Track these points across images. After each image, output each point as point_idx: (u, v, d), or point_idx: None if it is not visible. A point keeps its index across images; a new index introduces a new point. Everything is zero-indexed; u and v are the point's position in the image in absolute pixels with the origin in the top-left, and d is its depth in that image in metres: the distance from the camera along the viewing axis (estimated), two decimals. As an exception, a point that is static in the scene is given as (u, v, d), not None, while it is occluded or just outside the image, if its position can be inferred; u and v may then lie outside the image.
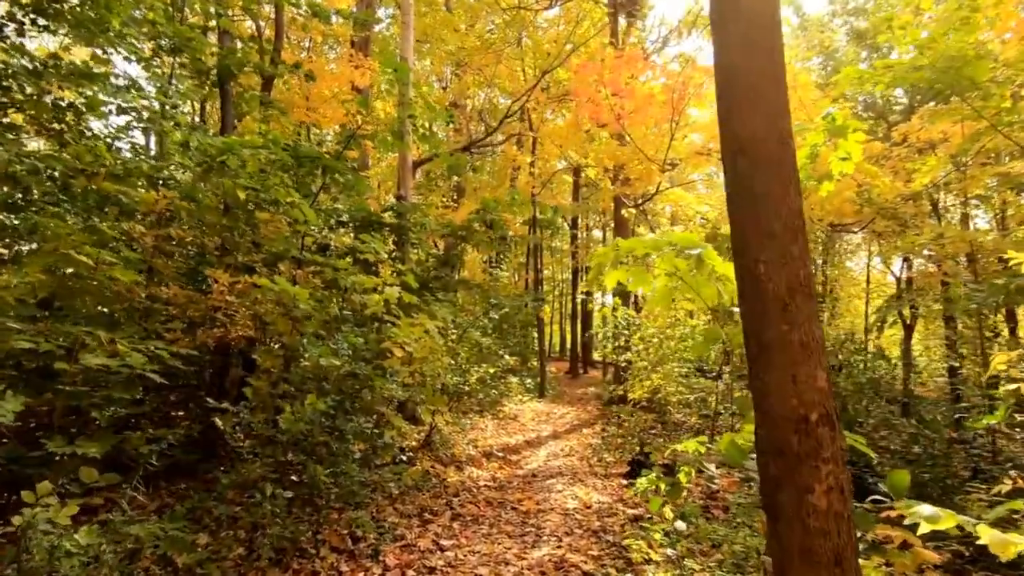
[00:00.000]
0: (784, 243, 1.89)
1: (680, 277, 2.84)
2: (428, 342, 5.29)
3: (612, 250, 2.69)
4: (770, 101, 1.99)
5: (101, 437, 3.88)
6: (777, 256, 1.89)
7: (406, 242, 7.51)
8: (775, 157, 1.95)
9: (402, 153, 9.52)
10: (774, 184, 1.93)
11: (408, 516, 4.51)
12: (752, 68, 2.01)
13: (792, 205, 1.92)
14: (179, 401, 6.35)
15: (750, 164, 1.97)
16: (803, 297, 1.89)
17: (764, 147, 1.96)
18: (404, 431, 5.18)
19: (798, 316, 1.87)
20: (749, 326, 1.98)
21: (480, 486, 5.70)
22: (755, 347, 1.95)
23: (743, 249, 1.97)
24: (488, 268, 14.84)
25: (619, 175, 11.91)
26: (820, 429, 1.83)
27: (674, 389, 9.99)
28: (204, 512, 4.06)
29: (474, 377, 8.80)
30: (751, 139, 1.99)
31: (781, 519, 1.88)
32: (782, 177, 1.92)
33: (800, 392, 1.85)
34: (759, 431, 1.96)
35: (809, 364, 1.86)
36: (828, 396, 1.87)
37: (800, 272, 1.89)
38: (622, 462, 6.78)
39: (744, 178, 1.99)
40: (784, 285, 1.88)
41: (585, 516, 4.80)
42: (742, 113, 2.03)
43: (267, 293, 4.47)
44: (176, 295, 4.66)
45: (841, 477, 1.84)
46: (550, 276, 28.83)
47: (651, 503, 2.99)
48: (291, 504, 3.95)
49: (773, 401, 1.89)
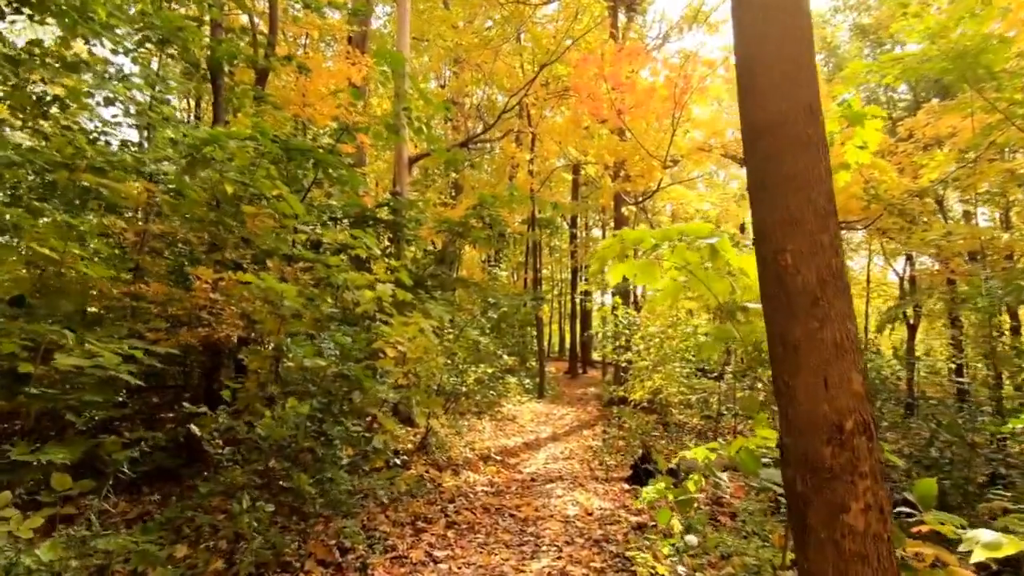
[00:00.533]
0: (814, 230, 1.68)
1: (691, 271, 2.63)
2: (423, 341, 5.07)
3: (617, 242, 2.47)
4: (796, 71, 1.78)
5: (73, 442, 3.67)
6: (806, 245, 1.68)
7: (401, 239, 7.30)
8: (803, 135, 1.74)
9: (398, 148, 9.31)
10: (802, 165, 1.72)
11: (401, 524, 4.29)
12: (776, 34, 1.80)
13: (822, 188, 1.71)
14: (166, 403, 6.14)
15: (774, 143, 1.76)
16: (835, 290, 1.68)
17: (790, 124, 1.75)
18: (398, 434, 4.97)
19: (830, 311, 1.66)
20: (773, 324, 1.77)
21: (477, 491, 5.48)
22: (780, 347, 1.74)
23: (767, 238, 1.76)
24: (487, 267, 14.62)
25: (620, 172, 11.71)
26: (856, 439, 1.62)
27: (676, 390, 9.78)
28: (185, 521, 3.85)
29: (472, 377, 8.59)
30: (775, 115, 1.78)
31: (811, 541, 1.66)
32: (811, 157, 1.71)
33: (833, 397, 1.64)
34: (785, 441, 1.75)
35: (842, 365, 1.65)
36: (864, 402, 1.66)
37: (832, 262, 1.68)
38: (624, 466, 6.57)
39: (768, 159, 1.78)
40: (814, 277, 1.67)
41: (586, 524, 4.59)
42: (765, 87, 1.82)
43: (253, 290, 4.26)
44: (156, 292, 4.44)
45: (880, 494, 1.63)
46: (549, 276, 28.64)
47: (659, 515, 2.79)
48: (276, 513, 3.74)
49: (802, 408, 1.68)
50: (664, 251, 2.59)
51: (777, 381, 1.76)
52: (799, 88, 1.77)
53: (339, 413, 3.64)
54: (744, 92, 1.89)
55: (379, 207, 7.02)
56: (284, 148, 5.48)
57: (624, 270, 2.70)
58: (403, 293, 4.75)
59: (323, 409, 3.59)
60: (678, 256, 2.61)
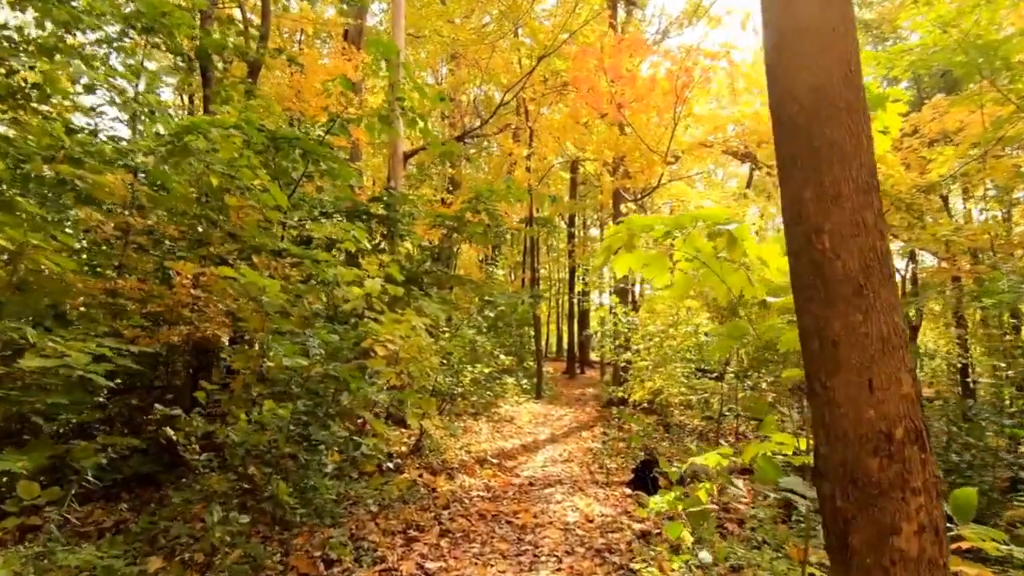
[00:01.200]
0: (855, 207, 1.46)
1: (703, 262, 2.40)
2: (416, 340, 4.85)
3: (625, 229, 2.25)
4: (831, 30, 1.56)
5: (38, 448, 3.43)
6: (847, 225, 1.45)
7: (395, 234, 7.06)
8: (841, 99, 1.51)
9: (392, 143, 9.08)
10: (841, 133, 1.49)
11: (392, 533, 4.06)
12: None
13: (864, 159, 1.49)
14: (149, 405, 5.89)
15: (808, 111, 1.54)
16: (880, 277, 1.46)
17: (826, 89, 1.53)
18: (390, 437, 4.75)
19: (875, 301, 1.44)
20: (807, 317, 1.55)
21: (472, 496, 5.25)
22: (816, 344, 1.51)
23: (800, 218, 1.54)
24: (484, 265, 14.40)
25: (619, 167, 11.50)
26: (908, 449, 1.40)
27: (676, 391, 9.57)
28: (161, 531, 3.61)
29: (468, 378, 8.36)
30: (808, 80, 1.55)
31: (854, 566, 1.44)
32: (852, 124, 1.49)
33: (879, 401, 1.42)
34: (821, 451, 1.53)
35: (890, 363, 1.43)
36: (916, 406, 1.44)
37: (876, 244, 1.46)
38: (625, 469, 6.35)
39: (800, 129, 1.55)
40: (856, 261, 1.45)
41: (587, 531, 4.36)
42: (796, 49, 1.59)
43: (235, 286, 4.02)
44: (132, 288, 4.19)
45: (935, 513, 1.41)
46: (547, 275, 28.46)
47: (670, 529, 2.57)
48: (257, 523, 3.51)
49: (842, 413, 1.46)
50: (676, 240, 2.36)
51: (812, 382, 1.54)
52: (835, 48, 1.55)
53: (325, 416, 3.40)
54: (773, 58, 1.66)
55: (372, 201, 6.78)
56: (271, 138, 5.25)
57: (631, 261, 2.47)
58: (395, 289, 4.52)
59: (308, 412, 3.35)
60: (690, 246, 2.39)
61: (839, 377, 1.46)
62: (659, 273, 2.49)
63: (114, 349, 3.62)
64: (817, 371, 1.52)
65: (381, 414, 5.61)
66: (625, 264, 2.46)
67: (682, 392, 9.71)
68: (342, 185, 6.90)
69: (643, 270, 2.48)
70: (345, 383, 3.59)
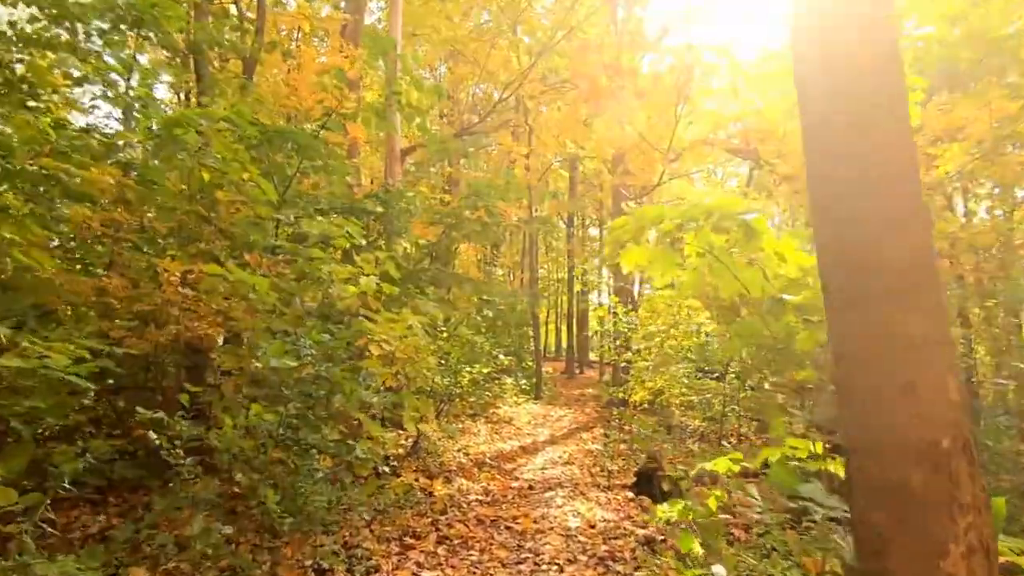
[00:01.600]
0: (900, 194, 1.32)
1: (716, 257, 2.26)
2: (412, 340, 4.70)
3: (633, 221, 2.11)
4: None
5: (18, 452, 3.28)
6: (889, 210, 1.31)
7: (392, 232, 6.92)
8: (876, 62, 1.37)
9: (389, 139, 8.93)
10: (881, 98, 1.35)
11: (387, 540, 3.91)
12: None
13: (903, 135, 1.35)
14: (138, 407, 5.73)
15: (840, 77, 1.39)
16: (925, 271, 1.32)
17: (858, 54, 1.38)
18: (386, 439, 4.59)
19: (919, 298, 1.30)
20: (839, 315, 1.41)
21: (471, 501, 5.11)
22: (851, 345, 1.37)
23: (832, 205, 1.40)
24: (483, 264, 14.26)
25: (619, 166, 11.36)
26: (955, 461, 1.26)
27: (678, 391, 9.43)
28: (146, 539, 3.46)
29: (466, 378, 8.22)
30: (838, 42, 1.41)
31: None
32: (890, 93, 1.35)
33: (923, 408, 1.28)
34: (854, 462, 1.39)
35: (935, 367, 1.29)
36: (962, 413, 1.30)
37: (921, 235, 1.32)
38: (627, 471, 6.21)
39: (832, 98, 1.41)
40: (901, 254, 1.31)
41: (589, 538, 4.22)
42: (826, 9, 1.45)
43: (223, 284, 3.88)
44: (117, 287, 4.04)
45: (986, 532, 1.27)
46: (546, 275, 28.32)
47: (682, 542, 2.44)
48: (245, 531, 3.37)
49: (880, 420, 1.32)
50: (687, 234, 2.22)
51: (845, 386, 1.40)
52: (870, 13, 1.41)
53: (317, 419, 3.25)
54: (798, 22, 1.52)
55: (368, 197, 6.63)
56: (263, 131, 5.10)
57: (638, 256, 2.33)
58: (390, 287, 4.38)
59: (299, 415, 3.20)
60: (702, 240, 2.25)
61: (878, 381, 1.32)
62: (668, 269, 2.35)
63: (95, 351, 3.47)
64: (852, 374, 1.38)
65: (379, 415, 5.46)
66: (632, 259, 2.32)
67: (683, 393, 9.58)
68: (338, 181, 6.76)
69: (651, 266, 2.34)
70: (338, 385, 3.45)
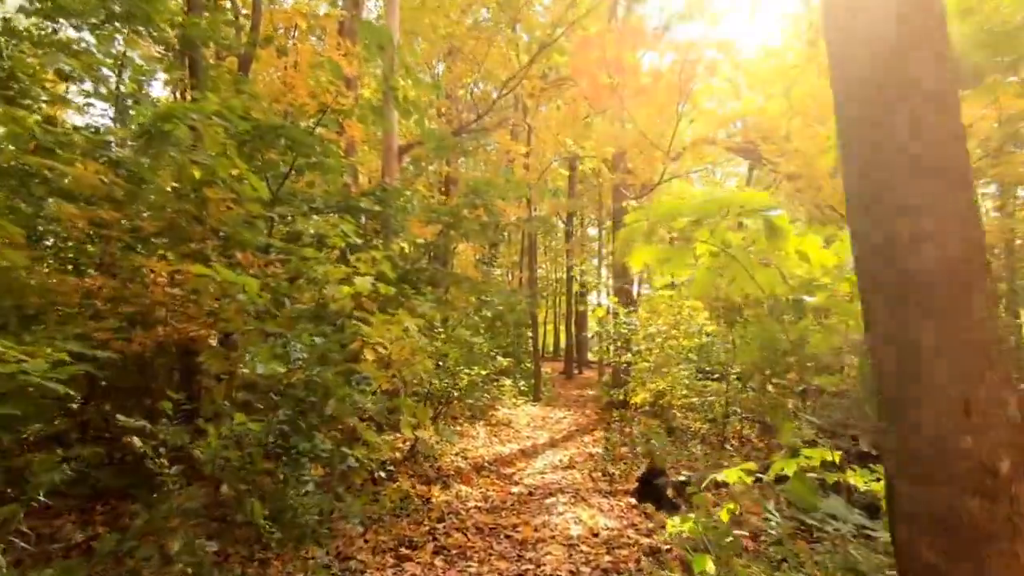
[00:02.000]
0: (951, 183, 1.18)
1: (733, 256, 2.12)
2: (409, 342, 4.56)
3: (644, 216, 1.96)
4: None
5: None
6: (939, 205, 1.17)
7: (389, 231, 6.76)
8: (927, 35, 1.23)
9: (386, 137, 8.77)
10: (929, 71, 1.21)
11: (382, 551, 3.76)
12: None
13: (953, 119, 1.21)
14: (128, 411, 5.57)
15: (879, 54, 1.25)
16: (978, 272, 1.18)
17: (904, 27, 1.24)
18: (382, 445, 4.45)
19: (971, 302, 1.16)
20: (881, 320, 1.27)
21: (469, 508, 4.96)
22: (894, 355, 1.23)
23: (874, 198, 1.26)
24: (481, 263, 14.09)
25: (619, 164, 11.23)
26: (1017, 487, 1.12)
27: (680, 393, 9.29)
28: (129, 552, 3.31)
29: (464, 380, 8.07)
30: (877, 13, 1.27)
31: (945, 632, 1.16)
32: (940, 69, 1.20)
33: (979, 428, 1.14)
34: (900, 489, 1.25)
35: (990, 381, 1.15)
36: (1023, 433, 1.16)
37: (973, 233, 1.18)
38: (629, 476, 6.07)
39: (874, 73, 1.27)
40: (955, 252, 1.17)
41: (592, 548, 4.08)
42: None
43: (212, 284, 3.73)
44: (101, 287, 3.89)
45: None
46: (544, 276, 28.18)
47: (697, 562, 2.30)
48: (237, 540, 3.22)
49: (931, 442, 1.18)
50: (701, 231, 2.07)
51: (888, 402, 1.25)
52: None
53: (308, 427, 3.10)
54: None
55: (365, 195, 6.48)
56: (256, 127, 4.95)
57: (649, 255, 2.18)
58: (386, 288, 4.23)
59: (290, 421, 3.05)
60: (717, 238, 2.10)
61: (926, 397, 1.18)
62: (682, 268, 2.21)
63: (78, 354, 3.32)
64: (896, 388, 1.23)
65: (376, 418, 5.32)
66: (642, 258, 2.18)
67: (684, 395, 9.44)
68: (334, 179, 6.61)
69: (663, 264, 2.20)
70: (331, 390, 3.30)
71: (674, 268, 2.17)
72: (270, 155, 5.47)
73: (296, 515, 2.90)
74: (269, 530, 2.79)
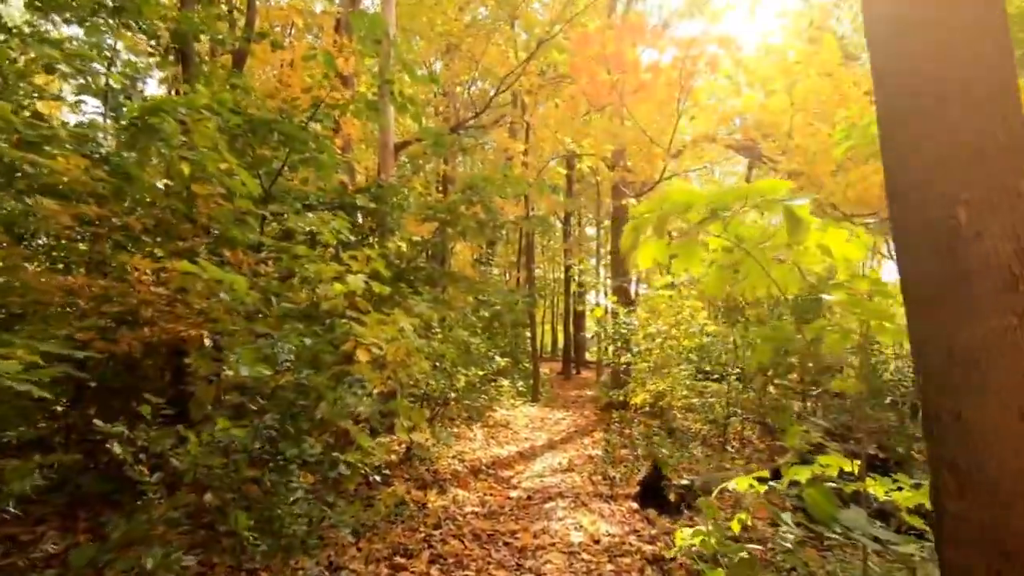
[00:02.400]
0: (1005, 168, 1.04)
1: (748, 251, 1.98)
2: (405, 343, 4.41)
3: (655, 207, 1.82)
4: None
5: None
6: (995, 193, 1.04)
7: (385, 229, 6.61)
8: (975, 12, 1.10)
9: (382, 133, 8.64)
10: (980, 54, 1.08)
11: (375, 560, 3.62)
12: None
13: (1013, 98, 1.08)
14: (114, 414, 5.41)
15: (930, 32, 1.12)
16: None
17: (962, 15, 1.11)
18: (376, 448, 4.31)
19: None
20: (927, 321, 1.13)
21: (466, 513, 4.83)
22: (941, 358, 1.10)
23: (920, 183, 1.12)
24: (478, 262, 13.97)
25: (619, 162, 11.11)
26: (1088, 511, 0.99)
27: (680, 394, 9.17)
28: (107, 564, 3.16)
29: (462, 381, 7.93)
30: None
31: (1004, 672, 1.03)
32: (998, 47, 1.07)
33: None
34: (949, 507, 1.11)
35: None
36: (1092, 447, 1.03)
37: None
38: (630, 480, 5.94)
39: (917, 57, 1.14)
40: (1007, 245, 1.03)
41: (594, 555, 3.94)
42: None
43: (199, 283, 3.58)
44: (83, 285, 3.74)
45: None
46: (542, 275, 28.08)
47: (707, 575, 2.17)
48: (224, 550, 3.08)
49: (986, 456, 1.04)
50: (713, 225, 1.94)
51: (935, 412, 1.12)
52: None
53: (298, 431, 2.96)
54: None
55: (360, 192, 6.33)
56: (248, 121, 4.81)
57: (657, 251, 2.04)
58: (380, 286, 4.09)
59: (277, 426, 2.91)
60: (732, 232, 1.97)
61: (980, 405, 1.05)
62: (692, 264, 2.07)
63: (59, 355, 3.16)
64: (943, 395, 1.10)
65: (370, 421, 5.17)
66: (650, 254, 2.04)
67: (684, 395, 9.32)
68: (328, 176, 6.46)
69: (673, 261, 2.06)
70: (323, 392, 3.16)
71: (686, 264, 2.03)
72: (263, 151, 5.32)
73: (284, 524, 2.76)
74: (254, 542, 2.64)
